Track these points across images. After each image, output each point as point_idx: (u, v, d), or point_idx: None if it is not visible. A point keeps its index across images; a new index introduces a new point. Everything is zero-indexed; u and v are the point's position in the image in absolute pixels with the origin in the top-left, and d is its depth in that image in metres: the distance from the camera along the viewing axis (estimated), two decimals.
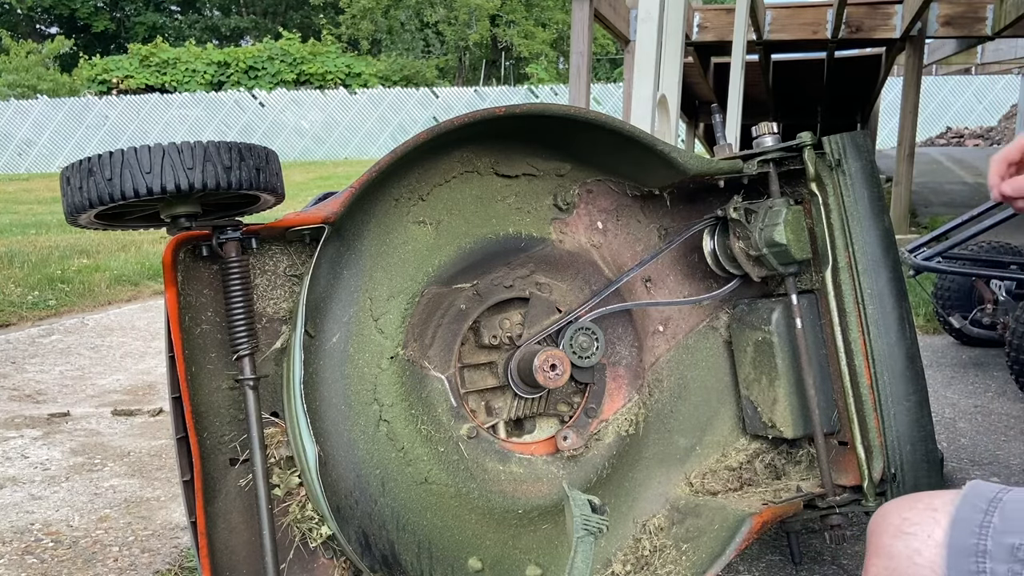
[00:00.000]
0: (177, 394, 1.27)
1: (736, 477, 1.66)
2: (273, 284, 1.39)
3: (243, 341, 1.29)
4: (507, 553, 1.50)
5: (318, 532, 1.36)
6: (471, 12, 33.59)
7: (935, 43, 8.65)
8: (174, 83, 29.14)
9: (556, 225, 1.62)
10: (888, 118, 15.06)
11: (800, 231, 1.52)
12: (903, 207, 7.71)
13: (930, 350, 3.94)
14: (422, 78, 31.29)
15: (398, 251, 1.48)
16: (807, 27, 7.00)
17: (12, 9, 36.18)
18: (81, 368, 3.92)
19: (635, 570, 1.52)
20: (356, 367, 1.43)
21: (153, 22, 37.45)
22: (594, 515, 1.21)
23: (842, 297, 1.56)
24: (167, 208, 1.27)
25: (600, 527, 1.20)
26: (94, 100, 25.67)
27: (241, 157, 1.23)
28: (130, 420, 3.07)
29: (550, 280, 1.59)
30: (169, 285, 1.26)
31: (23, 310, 5.10)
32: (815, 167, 1.55)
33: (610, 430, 1.63)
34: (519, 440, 1.59)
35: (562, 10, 33.25)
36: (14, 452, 2.69)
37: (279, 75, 29.60)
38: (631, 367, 1.66)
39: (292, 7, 39.25)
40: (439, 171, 1.51)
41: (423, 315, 1.49)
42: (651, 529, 1.57)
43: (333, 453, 1.38)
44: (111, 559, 1.90)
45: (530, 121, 1.46)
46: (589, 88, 5.65)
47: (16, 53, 29.13)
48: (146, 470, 2.52)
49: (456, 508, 1.47)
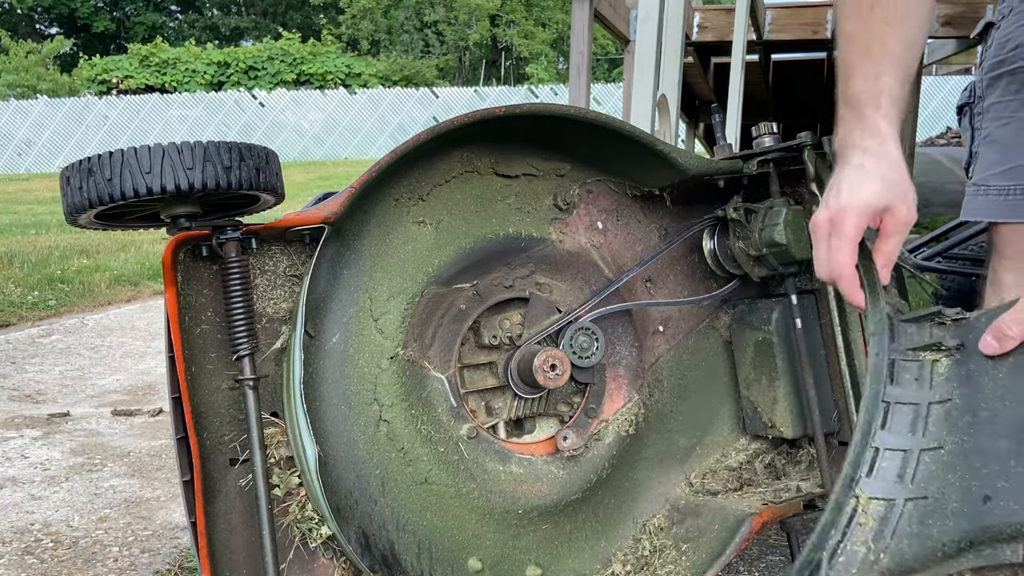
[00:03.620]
0: (177, 394, 1.27)
1: (736, 477, 1.66)
2: (273, 284, 1.39)
3: (243, 341, 1.29)
4: (507, 553, 1.50)
5: (318, 532, 1.36)
6: (471, 12, 33.59)
7: (935, 43, 8.64)
8: (174, 83, 29.14)
9: (556, 225, 1.62)
10: None
11: (800, 231, 1.52)
12: None
13: None
14: (422, 78, 31.29)
15: (398, 251, 1.48)
16: (807, 27, 6.99)
17: (12, 9, 36.18)
18: (81, 368, 3.92)
19: (635, 570, 1.52)
20: (356, 367, 1.43)
21: (153, 22, 37.48)
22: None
23: (842, 297, 1.56)
24: (167, 208, 1.27)
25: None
26: (94, 100, 25.67)
27: (241, 157, 1.23)
28: (130, 420, 3.07)
29: (550, 280, 1.59)
30: (169, 285, 1.26)
31: (23, 310, 5.10)
32: (815, 167, 1.55)
33: (610, 430, 1.63)
34: (519, 440, 1.59)
35: (562, 10, 33.25)
36: (14, 452, 2.69)
37: (279, 75, 29.60)
38: (631, 367, 1.66)
39: (292, 7, 39.27)
40: (439, 171, 1.51)
41: (423, 315, 1.49)
42: (651, 529, 1.57)
43: (333, 453, 1.38)
44: (111, 559, 1.90)
45: (530, 121, 1.46)
46: (589, 88, 5.65)
47: (16, 53, 29.14)
48: (146, 470, 2.52)
49: (456, 508, 1.47)
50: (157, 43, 30.43)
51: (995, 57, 1.36)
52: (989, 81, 1.38)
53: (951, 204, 8.98)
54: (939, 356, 0.98)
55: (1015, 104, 1.32)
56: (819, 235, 1.08)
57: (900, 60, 1.08)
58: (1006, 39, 1.33)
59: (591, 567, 1.53)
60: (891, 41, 1.08)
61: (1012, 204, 1.34)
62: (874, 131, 1.06)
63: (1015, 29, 1.30)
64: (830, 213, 1.05)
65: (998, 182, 1.36)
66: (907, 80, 1.09)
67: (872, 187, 1.03)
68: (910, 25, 1.10)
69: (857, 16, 1.11)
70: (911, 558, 0.90)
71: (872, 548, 0.90)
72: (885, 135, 1.06)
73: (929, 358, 0.98)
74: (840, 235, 1.03)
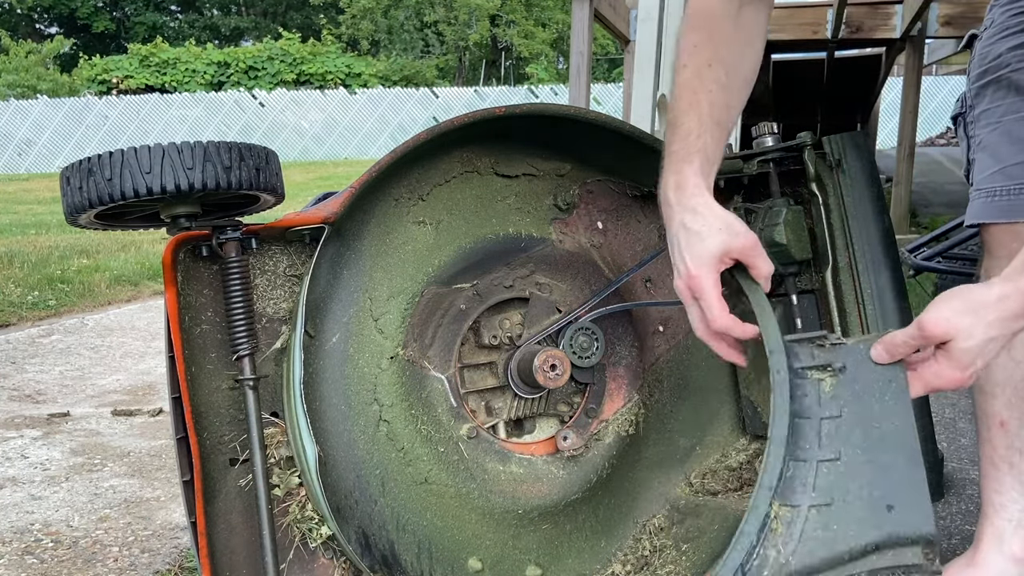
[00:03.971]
0: (177, 394, 1.27)
1: (736, 477, 1.66)
2: (273, 284, 1.39)
3: (243, 341, 1.29)
4: (507, 553, 1.50)
5: (318, 532, 1.36)
6: (471, 12, 33.59)
7: (935, 43, 8.64)
8: (174, 83, 29.13)
9: (556, 225, 1.62)
10: (888, 118, 15.05)
11: (800, 231, 1.52)
12: (903, 207, 7.71)
13: None
14: (422, 78, 31.28)
15: (398, 251, 1.48)
16: (807, 27, 6.99)
17: (12, 9, 36.18)
18: (81, 368, 3.92)
19: (635, 570, 1.52)
20: (356, 367, 1.43)
21: (153, 22, 37.47)
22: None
23: (842, 297, 1.56)
24: (167, 208, 1.27)
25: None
26: (94, 100, 25.65)
27: (241, 157, 1.23)
28: (130, 420, 3.07)
29: (550, 280, 1.59)
30: (169, 285, 1.26)
31: (23, 310, 5.10)
32: (815, 167, 1.55)
33: (610, 430, 1.63)
34: (519, 440, 1.59)
35: (562, 10, 33.24)
36: (14, 452, 2.69)
37: (279, 75, 29.59)
38: (631, 367, 1.66)
39: (292, 7, 39.26)
40: (439, 171, 1.51)
41: (423, 315, 1.49)
42: (651, 529, 1.57)
43: (333, 453, 1.38)
44: (111, 559, 1.90)
45: (530, 121, 1.46)
46: (589, 88, 5.64)
47: (16, 53, 29.12)
48: (146, 470, 2.52)
49: (456, 508, 1.47)
50: (157, 43, 30.41)
51: (980, 67, 1.43)
52: (976, 91, 1.45)
53: (951, 204, 8.98)
54: (824, 376, 1.05)
55: (1001, 110, 1.38)
56: (687, 301, 1.17)
57: (721, 123, 1.18)
58: (988, 50, 1.41)
59: (591, 567, 1.53)
60: (718, 103, 1.18)
61: (1000, 205, 1.38)
62: (694, 190, 1.14)
63: (996, 41, 1.38)
64: (685, 282, 1.14)
65: (988, 184, 1.41)
66: (724, 140, 1.19)
67: (710, 242, 1.11)
68: (738, 88, 1.21)
69: (693, 70, 1.19)
70: (818, 561, 0.98)
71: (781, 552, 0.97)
72: (702, 189, 1.15)
73: (815, 377, 1.05)
74: (704, 298, 1.12)
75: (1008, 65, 1.36)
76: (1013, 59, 1.35)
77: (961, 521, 1.93)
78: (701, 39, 1.20)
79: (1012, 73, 1.36)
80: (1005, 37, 1.37)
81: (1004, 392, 1.38)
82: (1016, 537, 1.41)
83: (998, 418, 1.39)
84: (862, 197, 1.55)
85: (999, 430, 1.40)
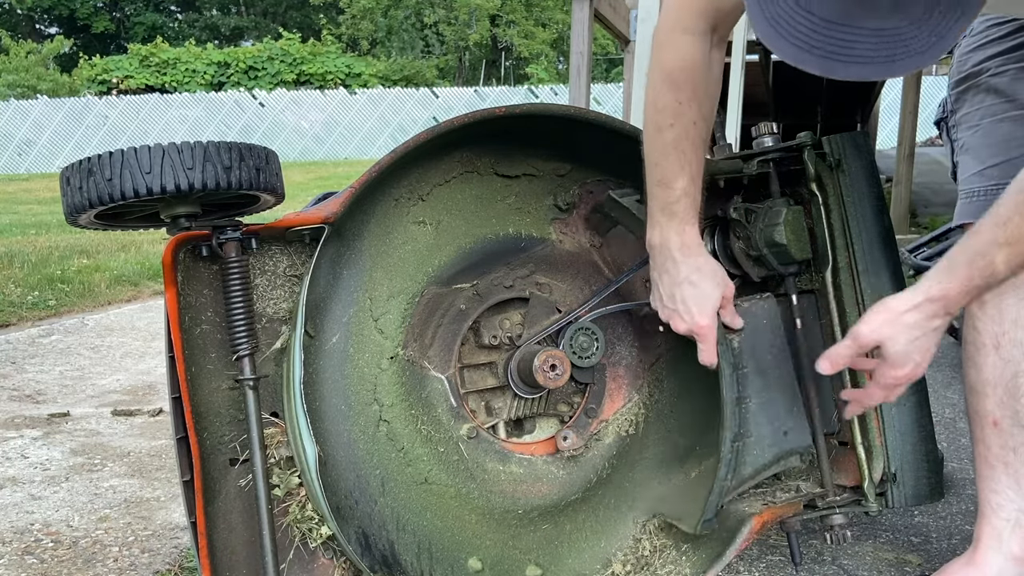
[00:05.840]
0: (177, 394, 1.27)
1: None
2: (273, 284, 1.39)
3: (243, 341, 1.29)
4: (507, 553, 1.50)
5: (318, 532, 1.36)
6: (471, 12, 33.60)
7: None
8: (174, 83, 29.15)
9: (556, 225, 1.62)
10: (888, 118, 15.05)
11: (800, 231, 1.51)
12: (903, 207, 7.72)
13: None
14: (422, 78, 31.28)
15: (398, 251, 1.48)
16: None
17: (12, 9, 36.19)
18: (81, 368, 3.92)
19: (635, 570, 1.52)
20: (356, 367, 1.43)
21: (153, 22, 37.49)
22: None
23: (842, 297, 1.56)
24: (167, 208, 1.27)
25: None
26: (94, 100, 25.67)
27: (241, 157, 1.23)
28: (130, 420, 3.07)
29: (550, 280, 1.59)
30: (169, 285, 1.26)
31: (23, 310, 5.10)
32: (815, 167, 1.55)
33: (610, 430, 1.63)
34: (519, 440, 1.59)
35: (562, 10, 33.24)
36: (14, 452, 2.68)
37: (279, 75, 29.60)
38: (631, 367, 1.66)
39: (292, 7, 39.28)
40: (439, 171, 1.51)
41: (423, 315, 1.49)
42: (651, 529, 1.57)
43: (333, 453, 1.38)
44: (111, 559, 1.90)
45: (530, 121, 1.46)
46: (589, 88, 5.64)
47: (16, 53, 29.15)
48: (146, 470, 2.52)
49: (456, 508, 1.47)
50: (157, 43, 30.43)
51: (958, 74, 1.53)
52: (956, 96, 1.54)
53: (951, 204, 8.98)
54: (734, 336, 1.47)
55: (980, 113, 1.47)
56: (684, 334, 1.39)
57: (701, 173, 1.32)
58: (967, 57, 1.50)
59: (591, 567, 1.53)
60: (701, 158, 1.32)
61: (978, 204, 1.43)
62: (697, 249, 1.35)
63: (975, 49, 1.48)
64: (692, 328, 1.36)
65: (968, 185, 1.49)
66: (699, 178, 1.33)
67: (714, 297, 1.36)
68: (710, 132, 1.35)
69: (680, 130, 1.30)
70: (746, 475, 1.48)
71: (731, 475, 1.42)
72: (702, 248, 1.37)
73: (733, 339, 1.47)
74: (706, 342, 1.38)
75: (988, 71, 1.44)
76: (992, 65, 1.44)
77: (961, 521, 1.92)
78: (685, 97, 1.26)
79: (991, 78, 1.44)
80: (983, 46, 1.46)
81: (995, 391, 1.39)
82: (1014, 536, 1.41)
83: (990, 418, 1.40)
84: (862, 197, 1.55)
85: (992, 429, 1.41)
